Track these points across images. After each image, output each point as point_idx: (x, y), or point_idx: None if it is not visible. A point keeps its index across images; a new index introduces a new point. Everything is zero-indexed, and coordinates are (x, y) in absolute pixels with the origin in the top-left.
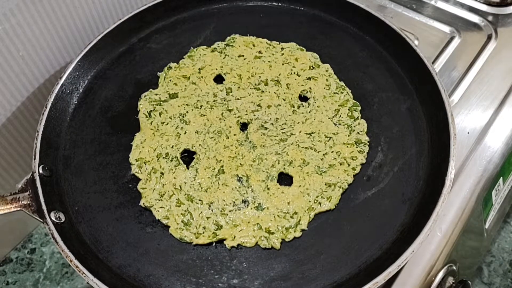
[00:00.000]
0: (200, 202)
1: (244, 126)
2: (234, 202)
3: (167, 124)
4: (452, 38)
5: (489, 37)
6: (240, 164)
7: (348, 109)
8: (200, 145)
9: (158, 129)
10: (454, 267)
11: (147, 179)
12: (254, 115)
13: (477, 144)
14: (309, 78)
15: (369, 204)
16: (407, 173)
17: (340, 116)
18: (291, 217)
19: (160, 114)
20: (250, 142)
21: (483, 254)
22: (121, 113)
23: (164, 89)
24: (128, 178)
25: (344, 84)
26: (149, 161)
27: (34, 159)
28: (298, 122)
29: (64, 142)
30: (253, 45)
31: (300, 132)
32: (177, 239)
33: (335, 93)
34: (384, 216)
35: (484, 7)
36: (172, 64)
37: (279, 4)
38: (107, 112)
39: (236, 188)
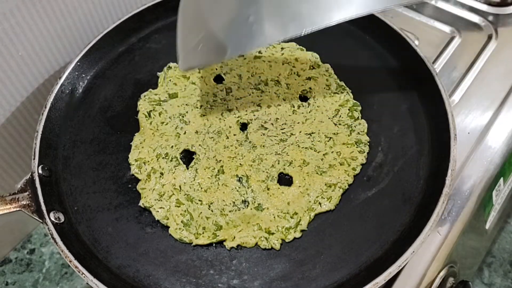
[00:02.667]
0: (200, 203)
1: (244, 126)
2: (234, 203)
3: (166, 124)
4: (452, 38)
5: (490, 37)
6: (240, 164)
7: (348, 109)
8: (200, 145)
9: (157, 129)
10: (455, 268)
11: (146, 179)
12: (254, 115)
13: (477, 144)
14: (309, 78)
15: (369, 204)
16: (407, 173)
17: (340, 116)
18: (291, 217)
19: (159, 114)
20: (250, 142)
21: (483, 255)
22: (120, 113)
23: (163, 89)
24: (128, 178)
25: (344, 84)
26: (148, 161)
27: (34, 159)
28: (298, 122)
29: (64, 142)
30: None
31: (300, 132)
32: (176, 239)
33: (335, 93)
34: (384, 217)
35: (484, 7)
36: (172, 64)
37: None
38: (107, 112)
39: (236, 188)
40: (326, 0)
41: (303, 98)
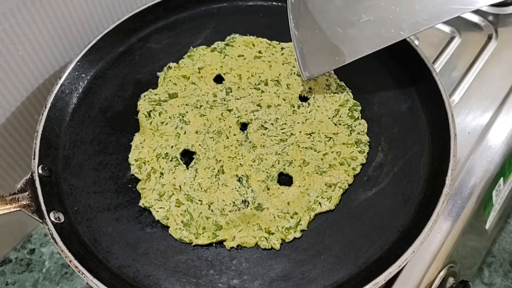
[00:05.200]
0: (200, 203)
1: (244, 126)
2: (234, 202)
3: (166, 124)
4: (452, 38)
5: (490, 37)
6: (240, 164)
7: (348, 109)
8: (199, 145)
9: (157, 129)
10: (455, 268)
11: (146, 179)
12: (254, 115)
13: (477, 144)
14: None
15: (369, 204)
16: (407, 173)
17: (340, 116)
18: (291, 217)
19: (159, 114)
20: (250, 142)
21: (483, 255)
22: (120, 113)
23: (163, 89)
24: (128, 178)
25: (344, 84)
26: (148, 161)
27: (34, 159)
28: (298, 122)
29: (64, 142)
30: (253, 45)
31: (300, 132)
32: (176, 239)
33: (335, 93)
34: (384, 217)
35: (484, 7)
36: (172, 64)
37: (279, 4)
38: (107, 112)
39: (236, 188)
40: None
41: (303, 98)
